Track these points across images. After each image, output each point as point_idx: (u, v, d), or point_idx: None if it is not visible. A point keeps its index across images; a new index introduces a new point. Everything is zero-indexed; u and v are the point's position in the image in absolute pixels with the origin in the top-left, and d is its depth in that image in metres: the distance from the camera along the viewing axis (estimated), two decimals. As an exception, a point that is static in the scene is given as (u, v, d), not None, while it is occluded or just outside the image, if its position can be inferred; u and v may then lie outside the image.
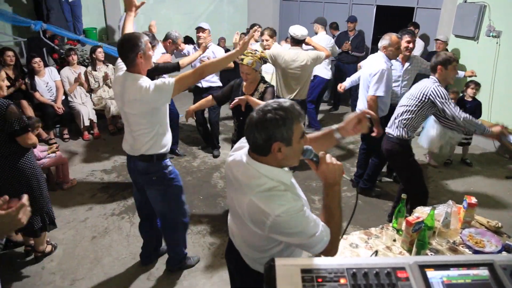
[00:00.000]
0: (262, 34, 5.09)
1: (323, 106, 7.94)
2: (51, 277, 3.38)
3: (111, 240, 3.88)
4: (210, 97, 3.88)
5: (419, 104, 3.46)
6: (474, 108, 5.33)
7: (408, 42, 4.38)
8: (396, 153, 3.76)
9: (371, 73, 4.16)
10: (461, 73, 5.00)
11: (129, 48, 2.62)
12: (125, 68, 2.76)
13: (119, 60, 2.87)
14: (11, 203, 1.55)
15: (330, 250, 1.64)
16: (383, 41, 4.18)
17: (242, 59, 3.49)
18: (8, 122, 2.92)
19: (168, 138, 2.97)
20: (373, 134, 4.15)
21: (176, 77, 2.70)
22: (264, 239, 1.70)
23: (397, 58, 4.36)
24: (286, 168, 1.72)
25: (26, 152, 3.15)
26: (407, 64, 4.51)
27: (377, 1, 7.74)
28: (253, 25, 6.06)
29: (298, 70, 4.61)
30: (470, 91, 5.37)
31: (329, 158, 1.67)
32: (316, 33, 6.55)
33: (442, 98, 3.32)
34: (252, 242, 1.79)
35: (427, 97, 3.38)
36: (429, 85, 3.40)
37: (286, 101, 1.63)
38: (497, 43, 5.83)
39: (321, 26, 6.58)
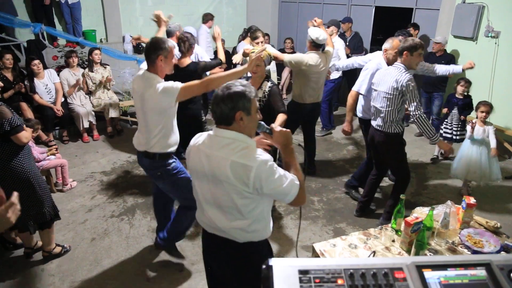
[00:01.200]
0: (255, 38, 4.87)
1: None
2: (50, 279, 3.38)
3: (110, 241, 3.88)
4: None
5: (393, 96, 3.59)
6: (465, 105, 5.34)
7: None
8: (394, 145, 3.83)
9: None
10: (458, 67, 4.84)
11: (152, 49, 2.84)
12: (145, 68, 2.97)
13: (144, 64, 3.11)
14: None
15: (300, 196, 1.96)
16: (385, 44, 4.19)
17: (253, 51, 3.56)
18: (6, 121, 2.98)
19: (173, 140, 3.07)
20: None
21: (183, 85, 2.85)
22: (248, 200, 1.92)
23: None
24: None
25: (19, 152, 3.15)
26: None
27: (375, 2, 7.75)
28: (250, 28, 6.03)
29: (321, 73, 4.62)
30: (460, 89, 5.32)
31: (278, 128, 2.05)
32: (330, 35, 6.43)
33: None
34: (236, 213, 1.96)
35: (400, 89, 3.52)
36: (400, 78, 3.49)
37: (242, 81, 1.99)
38: (495, 43, 5.84)
39: (336, 30, 6.54)
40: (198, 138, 2.07)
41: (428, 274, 1.24)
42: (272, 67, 5.25)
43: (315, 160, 5.36)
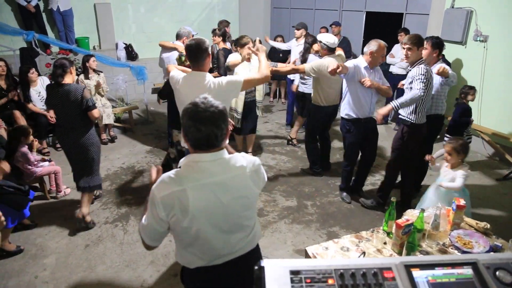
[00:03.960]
0: (244, 44, 4.89)
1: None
2: (44, 286, 3.37)
3: (104, 248, 3.88)
4: None
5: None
6: (462, 112, 5.29)
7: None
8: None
9: None
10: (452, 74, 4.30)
11: (202, 51, 3.01)
12: (181, 74, 3.20)
13: (174, 73, 3.26)
14: None
15: None
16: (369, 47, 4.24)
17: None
18: (85, 100, 3.82)
19: None
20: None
21: (246, 77, 3.14)
22: (256, 197, 1.98)
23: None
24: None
25: (91, 126, 4.07)
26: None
27: (366, 7, 7.84)
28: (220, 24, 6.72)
29: (339, 77, 4.66)
30: (470, 98, 5.04)
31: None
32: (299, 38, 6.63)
33: None
34: (253, 219, 1.99)
35: None
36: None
37: (206, 96, 1.79)
38: (484, 47, 5.92)
39: (305, 32, 6.70)
40: (184, 173, 1.77)
41: (416, 273, 1.27)
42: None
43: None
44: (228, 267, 1.93)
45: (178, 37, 5.64)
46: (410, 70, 4.05)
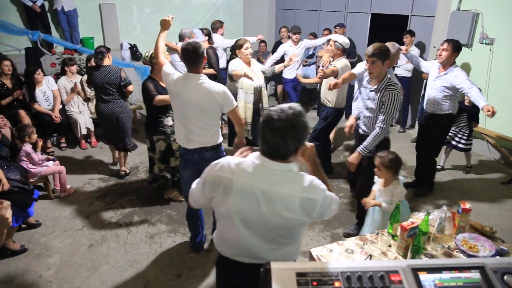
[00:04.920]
0: (241, 45, 4.79)
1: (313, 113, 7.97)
2: (48, 286, 3.37)
3: (108, 248, 3.88)
4: None
5: None
6: (475, 114, 5.29)
7: None
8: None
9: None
10: (478, 101, 4.20)
11: (198, 53, 3.11)
12: (176, 73, 3.27)
13: (168, 70, 3.34)
14: None
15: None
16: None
17: None
18: (123, 78, 4.91)
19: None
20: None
21: (236, 109, 3.35)
22: (303, 226, 1.89)
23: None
24: None
25: (124, 99, 5.15)
26: None
27: (371, 9, 7.82)
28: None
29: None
30: (467, 99, 5.18)
31: (308, 143, 1.91)
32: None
33: None
34: (288, 240, 1.88)
35: None
36: None
37: (296, 105, 1.75)
38: (490, 50, 5.90)
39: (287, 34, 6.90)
40: (243, 167, 1.79)
41: (423, 277, 1.27)
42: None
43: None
44: (249, 269, 1.90)
45: (181, 38, 5.60)
46: (375, 89, 3.61)
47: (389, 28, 8.25)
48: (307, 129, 1.73)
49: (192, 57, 3.11)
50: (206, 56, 3.30)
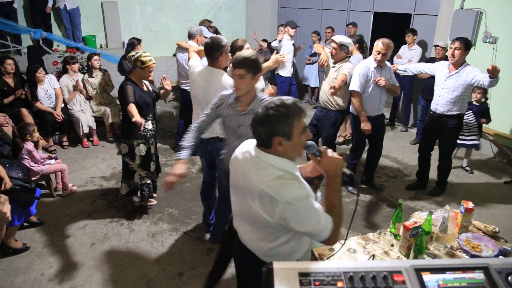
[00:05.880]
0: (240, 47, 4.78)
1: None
2: (50, 284, 3.38)
3: (110, 246, 3.88)
4: None
5: None
6: (481, 112, 5.32)
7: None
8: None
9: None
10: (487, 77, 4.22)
11: (216, 48, 3.31)
12: (198, 67, 3.54)
13: (192, 62, 3.67)
14: None
15: (331, 238, 1.77)
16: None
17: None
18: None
19: None
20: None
21: None
22: (273, 228, 1.80)
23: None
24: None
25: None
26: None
27: (374, 8, 7.80)
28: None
29: None
30: (474, 96, 5.29)
31: (330, 153, 1.80)
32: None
33: None
34: (262, 235, 1.89)
35: None
36: None
37: (289, 98, 1.78)
38: (493, 49, 5.87)
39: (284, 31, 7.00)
40: (245, 148, 1.92)
41: (427, 277, 1.26)
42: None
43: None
44: (239, 249, 2.07)
45: (191, 36, 5.58)
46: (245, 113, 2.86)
47: (391, 27, 8.24)
48: (281, 121, 1.68)
49: (210, 51, 3.33)
50: (226, 52, 3.43)
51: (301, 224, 1.70)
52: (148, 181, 4.26)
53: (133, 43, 5.62)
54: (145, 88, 4.06)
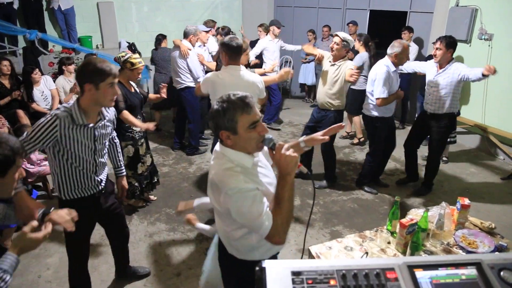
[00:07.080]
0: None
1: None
2: (47, 286, 3.38)
3: (107, 247, 3.87)
4: None
5: None
6: None
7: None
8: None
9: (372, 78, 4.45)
10: (477, 72, 4.15)
11: (240, 48, 3.69)
12: (214, 74, 3.87)
13: (207, 76, 3.91)
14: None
15: (273, 236, 1.74)
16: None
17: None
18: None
19: None
20: None
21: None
22: (230, 219, 1.80)
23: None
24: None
25: None
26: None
27: (370, 6, 7.80)
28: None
29: None
30: None
31: (284, 149, 1.71)
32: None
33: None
34: (224, 224, 1.93)
35: None
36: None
37: (238, 93, 1.78)
38: (489, 45, 5.88)
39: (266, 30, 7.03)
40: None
41: (419, 274, 1.26)
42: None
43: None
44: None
45: (186, 35, 5.62)
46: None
47: (388, 25, 8.24)
48: (221, 115, 1.72)
49: (235, 51, 3.67)
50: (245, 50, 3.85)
51: (240, 216, 1.72)
52: (134, 183, 4.25)
53: (160, 39, 6.93)
54: (132, 90, 4.00)
